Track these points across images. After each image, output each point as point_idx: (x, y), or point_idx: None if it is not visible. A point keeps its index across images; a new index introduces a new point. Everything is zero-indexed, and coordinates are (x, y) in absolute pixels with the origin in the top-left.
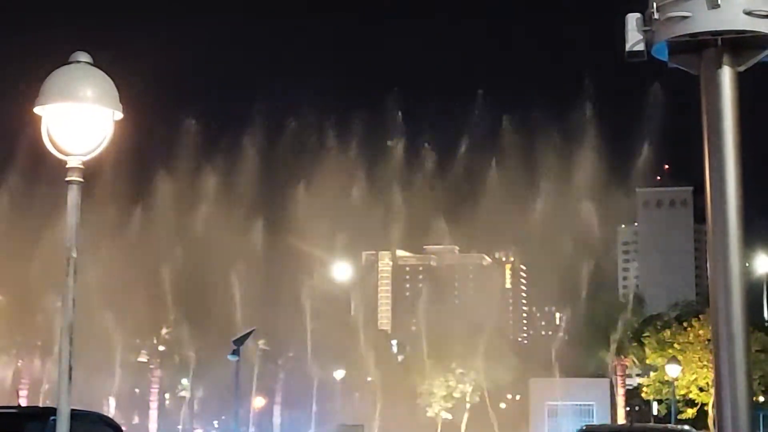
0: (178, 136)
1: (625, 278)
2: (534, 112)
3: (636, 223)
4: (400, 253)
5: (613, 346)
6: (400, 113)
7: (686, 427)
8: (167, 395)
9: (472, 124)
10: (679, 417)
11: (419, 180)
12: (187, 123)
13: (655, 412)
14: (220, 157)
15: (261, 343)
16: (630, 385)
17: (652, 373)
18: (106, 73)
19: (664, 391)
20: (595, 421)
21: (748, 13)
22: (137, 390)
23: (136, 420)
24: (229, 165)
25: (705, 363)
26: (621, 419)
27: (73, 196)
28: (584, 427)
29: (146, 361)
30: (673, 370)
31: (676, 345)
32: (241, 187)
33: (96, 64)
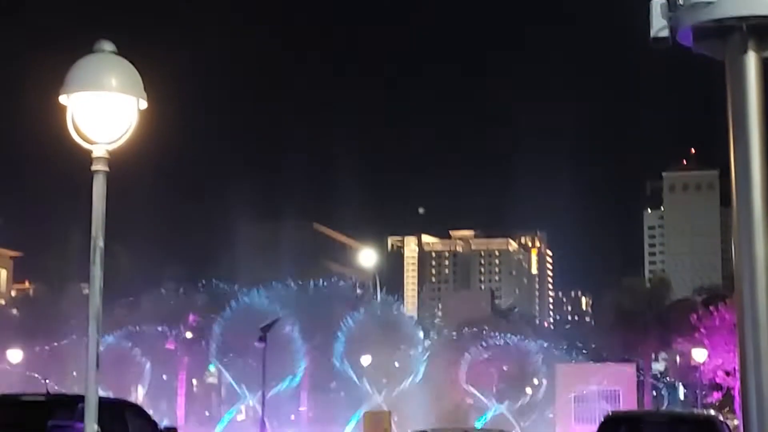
0: (214, 129)
1: (651, 262)
2: (559, 99)
3: (662, 207)
4: (426, 238)
5: (639, 331)
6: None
7: (712, 412)
8: (195, 381)
9: (500, 108)
10: (704, 402)
11: (445, 166)
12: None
13: (681, 397)
14: (249, 152)
15: (288, 329)
16: (656, 369)
17: (678, 358)
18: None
19: (690, 376)
20: (622, 406)
21: None
22: (165, 377)
23: (164, 407)
24: (258, 160)
25: (731, 347)
26: (647, 404)
27: (99, 185)
28: (610, 414)
29: (173, 348)
30: (699, 355)
31: (702, 329)
32: (268, 178)
33: (120, 52)
